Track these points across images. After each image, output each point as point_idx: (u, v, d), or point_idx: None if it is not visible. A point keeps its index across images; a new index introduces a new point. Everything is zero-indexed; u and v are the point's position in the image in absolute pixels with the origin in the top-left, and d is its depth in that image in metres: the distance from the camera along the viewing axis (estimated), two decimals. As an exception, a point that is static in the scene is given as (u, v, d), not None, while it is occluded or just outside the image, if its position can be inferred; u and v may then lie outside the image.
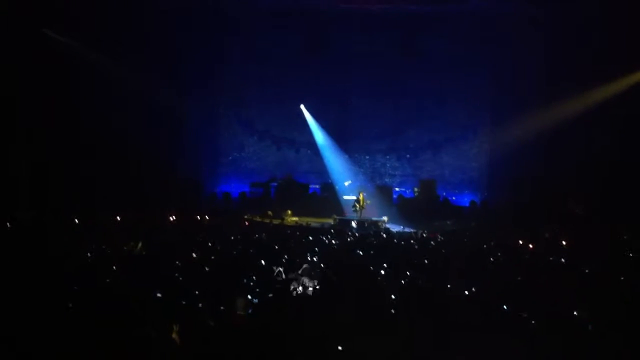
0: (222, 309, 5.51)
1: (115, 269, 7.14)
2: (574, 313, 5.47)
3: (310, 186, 20.22)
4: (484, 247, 11.08)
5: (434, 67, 20.08)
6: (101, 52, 15.83)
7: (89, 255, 8.05)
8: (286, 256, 8.48)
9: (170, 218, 13.76)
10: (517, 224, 14.38)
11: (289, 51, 20.35)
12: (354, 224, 16.00)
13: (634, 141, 14.84)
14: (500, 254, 9.81)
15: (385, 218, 16.62)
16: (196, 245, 9.57)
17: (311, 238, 11.48)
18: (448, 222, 16.68)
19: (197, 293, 5.99)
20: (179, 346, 4.50)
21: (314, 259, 8.77)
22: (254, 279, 6.90)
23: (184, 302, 5.62)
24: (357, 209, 16.83)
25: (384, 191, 19.39)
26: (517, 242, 11.39)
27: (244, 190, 19.97)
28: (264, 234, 12.22)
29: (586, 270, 8.20)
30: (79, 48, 15.50)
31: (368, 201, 17.26)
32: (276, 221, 15.93)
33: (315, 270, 7.66)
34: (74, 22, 15.25)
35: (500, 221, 15.61)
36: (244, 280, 6.82)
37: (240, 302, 5.55)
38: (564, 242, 11.04)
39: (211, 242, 9.95)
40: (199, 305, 5.60)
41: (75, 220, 11.51)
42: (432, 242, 12.11)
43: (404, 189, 20.74)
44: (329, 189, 19.66)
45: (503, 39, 18.43)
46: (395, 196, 19.83)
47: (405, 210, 17.80)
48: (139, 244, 9.08)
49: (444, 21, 18.98)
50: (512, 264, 8.83)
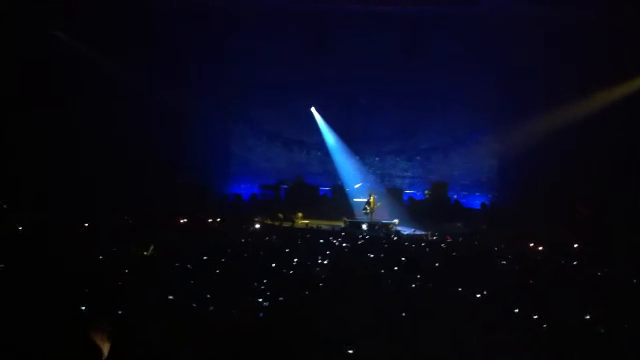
0: (231, 311, 5.54)
1: (127, 271, 7.19)
2: (587, 317, 5.45)
3: (321, 188, 20.20)
4: (495, 249, 11.05)
5: (442, 68, 19.94)
6: (108, 53, 15.88)
7: (100, 257, 8.11)
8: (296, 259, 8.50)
9: (180, 220, 13.82)
10: (527, 226, 14.30)
11: (298, 52, 20.31)
12: (364, 226, 15.97)
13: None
14: (510, 256, 9.78)
15: (396, 220, 16.57)
16: (206, 247, 9.61)
17: (322, 241, 11.48)
18: (459, 225, 16.60)
19: (208, 296, 6.02)
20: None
21: (324, 261, 8.78)
22: (264, 281, 6.92)
23: (194, 305, 5.66)
24: (368, 211, 16.80)
25: (394, 193, 19.31)
26: (528, 244, 11.35)
27: (255, 192, 19.99)
28: (274, 236, 12.24)
29: (598, 273, 8.17)
30: (85, 49, 15.56)
31: (379, 203, 17.21)
32: (286, 224, 15.94)
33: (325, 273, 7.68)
34: (78, 23, 15.33)
35: (510, 223, 15.53)
36: (255, 284, 6.84)
37: (244, 304, 5.57)
38: (575, 245, 10.98)
39: (221, 244, 9.99)
40: (209, 308, 5.64)
41: (85, 224, 11.58)
42: (442, 244, 12.08)
43: (414, 191, 20.66)
44: (339, 191, 19.61)
45: (512, 40, 18.32)
46: (406, 198, 19.77)
47: (415, 212, 17.72)
48: (150, 246, 9.12)
49: (452, 22, 18.91)
50: (522, 266, 8.79)
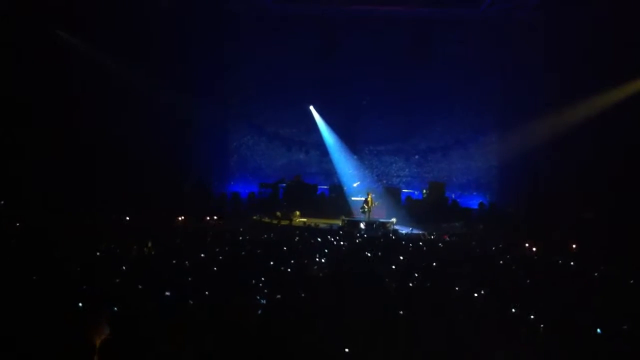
0: (229, 309, 5.54)
1: (124, 268, 7.19)
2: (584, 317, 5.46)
3: (319, 187, 20.23)
4: (492, 249, 11.08)
5: (442, 70, 20.05)
6: (107, 53, 15.88)
7: (98, 254, 8.12)
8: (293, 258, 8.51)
9: (179, 219, 13.83)
10: (525, 226, 14.35)
11: (298, 53, 20.38)
12: (362, 225, 15.99)
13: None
14: (508, 256, 9.80)
15: (394, 219, 16.61)
16: (204, 245, 9.62)
17: (319, 239, 11.49)
18: (456, 224, 16.63)
19: (206, 293, 6.02)
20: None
21: (322, 260, 8.79)
22: (262, 279, 6.92)
23: (191, 302, 5.66)
24: (366, 210, 16.82)
25: (392, 192, 19.36)
26: (525, 244, 11.37)
27: (253, 190, 20.02)
28: (272, 234, 12.25)
29: (595, 274, 8.18)
30: (86, 49, 15.57)
31: (376, 202, 17.24)
32: (284, 222, 15.95)
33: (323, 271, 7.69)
34: (80, 23, 15.32)
35: (508, 223, 15.57)
36: (252, 281, 6.85)
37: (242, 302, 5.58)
38: (573, 245, 11.01)
39: (219, 243, 10.00)
40: (205, 305, 5.64)
41: (84, 221, 11.59)
42: (440, 244, 12.10)
43: (412, 191, 20.71)
44: (337, 190, 19.65)
45: (512, 43, 18.41)
46: (404, 198, 19.81)
47: (413, 211, 17.77)
48: (148, 244, 9.13)
49: (453, 25, 19.01)
50: (520, 266, 8.81)
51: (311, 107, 20.62)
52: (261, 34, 19.88)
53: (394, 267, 8.37)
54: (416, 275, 7.61)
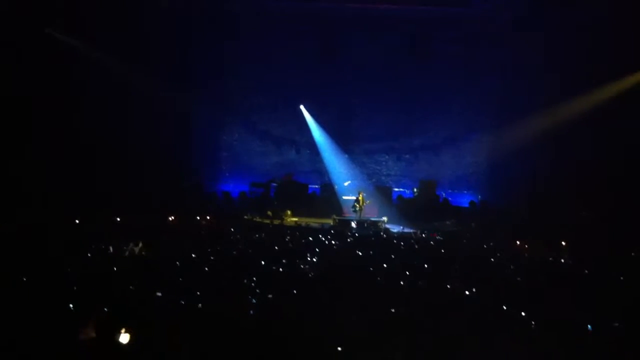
0: (222, 309, 5.53)
1: (116, 269, 7.16)
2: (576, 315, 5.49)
3: (310, 186, 20.20)
4: (484, 247, 11.11)
5: (437, 69, 20.09)
6: (106, 53, 15.84)
7: (90, 255, 8.07)
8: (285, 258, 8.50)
9: (170, 218, 13.77)
10: (517, 225, 14.39)
11: (292, 52, 20.34)
12: (353, 224, 15.97)
13: (636, 142, 14.84)
14: (499, 254, 9.83)
15: (385, 218, 16.60)
16: (196, 245, 9.58)
17: (311, 239, 11.48)
18: (448, 223, 16.66)
19: (198, 293, 6.01)
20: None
21: (314, 259, 8.78)
22: (254, 279, 6.91)
23: (182, 302, 5.64)
24: (357, 209, 16.82)
25: (383, 191, 19.36)
26: (516, 243, 11.41)
27: (244, 190, 19.96)
28: (263, 234, 12.23)
29: (586, 271, 8.23)
30: (83, 49, 15.51)
31: (368, 201, 17.23)
32: (276, 221, 15.92)
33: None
34: (78, 23, 15.26)
35: (499, 222, 15.62)
36: (244, 280, 6.83)
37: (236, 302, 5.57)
38: (563, 243, 11.05)
39: (211, 243, 9.97)
40: (198, 305, 5.62)
41: (76, 221, 11.52)
42: (431, 242, 12.12)
43: (403, 190, 20.73)
44: (328, 189, 19.63)
45: (506, 41, 18.45)
46: (395, 196, 19.83)
47: (405, 210, 17.77)
48: (139, 245, 9.09)
49: (447, 23, 19.00)
50: (511, 264, 8.84)
51: (302, 107, 20.61)
52: (257, 32, 19.81)
53: (385, 265, 8.37)
54: (408, 274, 7.62)
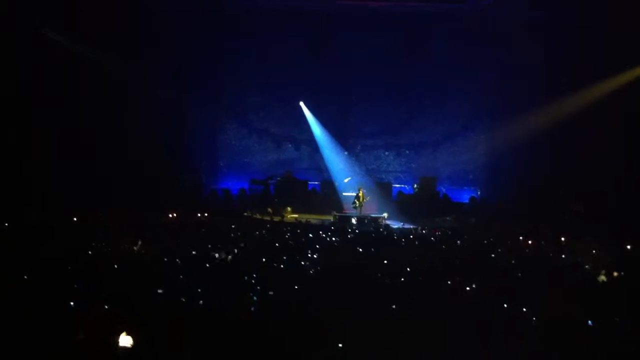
0: (224, 306, 5.53)
1: (117, 267, 7.16)
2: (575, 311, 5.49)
3: (310, 183, 20.21)
4: (484, 243, 11.11)
5: (434, 65, 20.08)
6: (102, 52, 15.82)
7: (90, 253, 8.07)
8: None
9: (170, 216, 13.77)
10: (516, 220, 14.41)
11: (289, 49, 20.32)
12: (353, 220, 15.98)
13: (633, 140, 14.86)
14: (500, 250, 9.84)
15: (385, 214, 16.61)
16: (196, 243, 9.58)
17: (311, 235, 11.48)
18: (448, 219, 16.67)
19: (198, 290, 6.00)
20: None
21: (314, 256, 8.78)
22: (255, 276, 6.90)
23: (183, 300, 5.64)
24: (357, 205, 16.83)
25: (383, 187, 19.38)
26: (517, 238, 11.41)
27: (244, 187, 19.97)
28: (264, 231, 12.22)
29: (585, 267, 8.23)
30: (80, 48, 15.51)
31: (368, 198, 17.24)
32: (276, 218, 15.92)
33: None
34: (75, 23, 15.25)
35: (499, 218, 15.63)
36: (245, 277, 6.83)
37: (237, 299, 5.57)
38: (562, 239, 11.06)
39: (210, 240, 9.97)
40: (199, 303, 5.62)
41: (75, 219, 11.52)
42: (432, 238, 12.13)
43: (403, 185, 20.75)
44: (328, 185, 19.64)
45: (504, 38, 18.43)
46: (395, 192, 19.84)
47: (405, 206, 17.78)
48: (138, 243, 9.09)
49: (445, 20, 18.94)
50: (511, 260, 8.84)
51: (301, 103, 20.62)
52: (254, 31, 19.78)
53: (385, 262, 8.38)
54: (408, 270, 7.63)
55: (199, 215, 14.51)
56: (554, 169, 16.70)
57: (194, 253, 8.56)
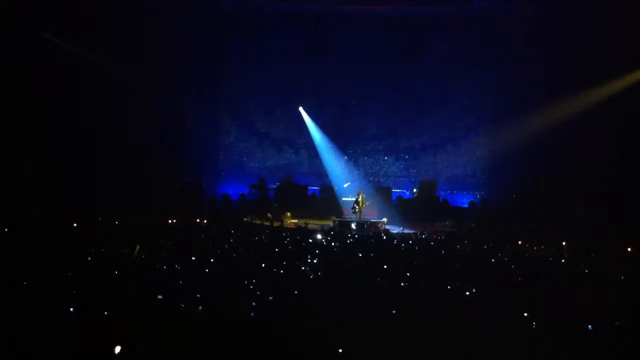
0: (223, 311, 5.50)
1: (117, 272, 7.12)
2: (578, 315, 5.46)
3: (310, 188, 20.20)
4: (484, 247, 11.08)
5: (434, 68, 20.17)
6: (102, 53, 15.84)
7: (89, 258, 8.03)
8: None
9: (170, 221, 13.74)
10: (516, 224, 14.39)
11: (289, 53, 20.38)
12: (353, 225, 15.97)
13: (634, 140, 14.86)
14: (500, 254, 9.81)
15: (385, 219, 16.61)
16: (196, 247, 9.55)
17: (310, 240, 11.45)
18: (447, 223, 16.66)
19: (198, 296, 5.97)
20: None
21: (314, 261, 8.75)
22: (254, 281, 6.88)
23: (182, 305, 5.61)
24: (357, 210, 16.82)
25: (383, 192, 19.38)
26: (517, 242, 11.39)
27: (244, 192, 19.96)
28: (263, 236, 12.20)
29: (586, 270, 8.20)
30: (79, 50, 15.52)
31: (367, 202, 17.24)
32: (275, 223, 15.90)
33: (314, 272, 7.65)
34: (74, 24, 15.27)
35: (499, 222, 15.62)
36: (245, 282, 6.80)
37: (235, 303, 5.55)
38: (564, 243, 11.04)
39: (210, 245, 9.93)
40: (198, 308, 5.59)
41: (74, 224, 11.48)
42: (431, 242, 12.10)
43: (403, 190, 20.74)
44: (328, 190, 19.64)
45: (503, 40, 18.48)
46: (395, 197, 19.83)
47: (404, 211, 17.78)
48: (137, 247, 9.05)
49: (444, 22, 19.02)
50: (512, 264, 8.81)
51: (300, 108, 20.64)
52: (252, 33, 19.84)
53: (385, 266, 8.35)
54: (408, 274, 7.60)
55: (198, 221, 14.49)
56: (555, 171, 16.69)
57: (193, 258, 8.52)
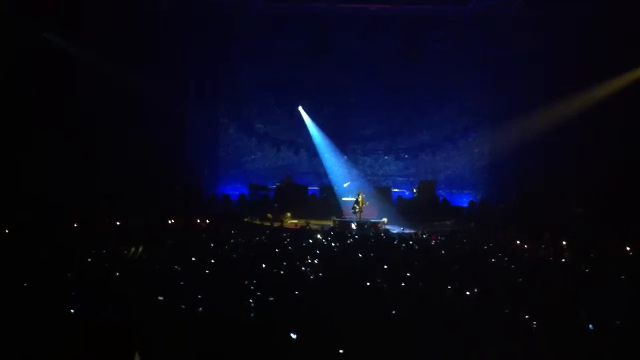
0: (223, 311, 5.51)
1: (117, 273, 7.13)
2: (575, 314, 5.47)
3: (309, 188, 20.21)
4: (484, 247, 11.09)
5: (433, 68, 20.16)
6: (101, 55, 15.86)
7: (89, 259, 8.04)
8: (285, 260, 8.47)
9: (170, 221, 13.74)
10: (516, 224, 14.40)
11: (288, 53, 20.36)
12: (353, 225, 15.98)
13: (634, 140, 14.88)
14: (500, 254, 9.82)
15: (385, 219, 16.62)
16: (196, 248, 9.56)
17: (311, 240, 11.46)
18: (447, 223, 16.68)
19: (198, 297, 5.98)
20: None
21: (314, 261, 8.76)
22: (254, 281, 6.88)
23: (183, 306, 5.62)
24: (357, 210, 16.83)
25: (383, 192, 19.39)
26: (516, 242, 11.40)
27: (243, 192, 19.97)
28: (263, 236, 12.21)
29: (586, 270, 8.21)
30: (79, 51, 15.53)
31: (367, 202, 17.25)
32: (276, 224, 15.91)
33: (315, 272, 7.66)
34: (74, 26, 15.29)
35: (499, 221, 15.63)
36: (245, 282, 6.81)
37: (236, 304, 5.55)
38: (563, 243, 11.05)
39: (211, 245, 9.94)
40: (199, 309, 5.60)
41: (74, 224, 11.49)
42: (431, 242, 12.11)
43: (403, 190, 20.75)
44: (328, 190, 19.65)
45: (503, 39, 18.47)
46: (395, 197, 19.84)
47: (404, 211, 17.79)
48: (138, 248, 9.05)
49: (444, 22, 19.00)
50: (511, 264, 8.83)
51: (300, 108, 20.65)
52: (251, 34, 19.83)
53: (385, 267, 8.35)
54: (408, 275, 7.60)
55: (198, 221, 14.49)
56: (555, 171, 16.71)
57: (193, 259, 8.53)
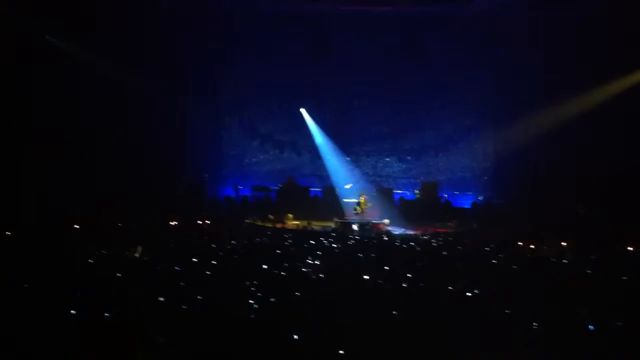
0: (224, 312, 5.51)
1: (118, 274, 7.13)
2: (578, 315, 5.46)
3: (312, 189, 20.20)
4: (486, 248, 11.07)
5: (435, 69, 20.15)
6: (102, 54, 15.87)
7: (91, 260, 8.05)
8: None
9: (171, 222, 13.76)
10: (518, 225, 14.37)
11: (290, 54, 20.34)
12: (355, 226, 15.97)
13: (635, 140, 14.86)
14: (502, 255, 9.80)
15: (387, 220, 16.60)
16: (197, 249, 9.56)
17: (313, 242, 11.46)
18: (450, 224, 16.65)
19: (199, 298, 5.98)
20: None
21: (316, 262, 8.76)
22: (256, 282, 6.88)
23: (184, 307, 5.62)
24: (359, 211, 16.82)
25: (385, 193, 19.36)
26: (519, 243, 11.38)
27: (246, 194, 19.98)
28: (265, 237, 12.21)
29: (588, 271, 8.19)
30: (80, 51, 15.55)
31: (369, 204, 17.23)
32: (278, 225, 15.92)
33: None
34: (74, 26, 15.31)
35: (501, 222, 15.60)
36: (246, 283, 6.81)
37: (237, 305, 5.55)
38: (564, 243, 11.02)
39: (212, 246, 9.95)
40: (200, 309, 5.60)
41: (76, 225, 11.51)
42: (433, 243, 12.09)
43: (405, 191, 20.72)
44: (330, 192, 19.64)
45: (505, 40, 18.44)
46: (397, 198, 19.82)
47: (406, 212, 17.76)
48: (139, 249, 9.06)
49: (445, 23, 18.98)
50: (514, 265, 8.81)
51: (302, 110, 20.66)
52: (254, 35, 19.83)
53: (387, 267, 8.35)
54: (410, 275, 7.59)
55: (200, 222, 14.51)
56: (557, 170, 16.68)
57: (195, 260, 8.53)
